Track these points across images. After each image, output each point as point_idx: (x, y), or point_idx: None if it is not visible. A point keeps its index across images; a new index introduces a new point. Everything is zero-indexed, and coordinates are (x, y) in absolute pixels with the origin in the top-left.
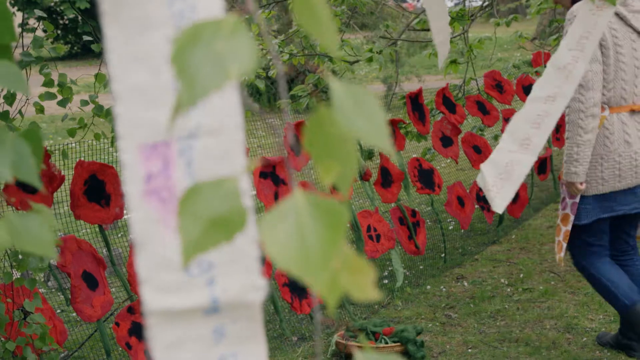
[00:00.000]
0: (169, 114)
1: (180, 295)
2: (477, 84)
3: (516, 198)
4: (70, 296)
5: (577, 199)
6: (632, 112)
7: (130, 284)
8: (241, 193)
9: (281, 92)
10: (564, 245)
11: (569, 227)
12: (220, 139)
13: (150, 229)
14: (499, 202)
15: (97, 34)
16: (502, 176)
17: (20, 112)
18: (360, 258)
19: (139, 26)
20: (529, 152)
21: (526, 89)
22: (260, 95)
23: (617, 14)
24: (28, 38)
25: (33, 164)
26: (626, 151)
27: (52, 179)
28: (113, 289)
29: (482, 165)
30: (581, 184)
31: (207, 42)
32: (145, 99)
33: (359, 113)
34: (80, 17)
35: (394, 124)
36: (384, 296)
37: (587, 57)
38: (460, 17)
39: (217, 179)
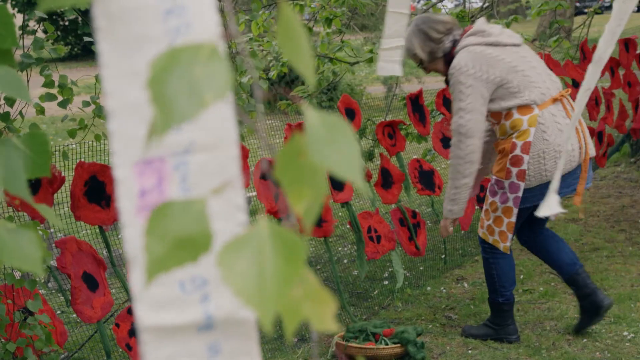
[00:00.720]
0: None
1: (174, 311)
2: None
3: None
4: (70, 297)
5: (520, 193)
6: (555, 101)
7: None
8: (207, 215)
9: (256, 96)
10: (509, 235)
11: (513, 219)
12: (215, 154)
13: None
14: (544, 209)
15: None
16: None
17: (20, 113)
18: (322, 288)
19: (134, 42)
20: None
21: None
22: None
23: (489, 44)
24: (28, 39)
25: (23, 176)
26: (560, 140)
27: (53, 180)
28: (113, 290)
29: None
30: (454, 221)
31: (184, 68)
32: (139, 115)
33: (333, 145)
34: (80, 18)
35: (395, 125)
36: (384, 297)
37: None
38: (460, 19)
39: (185, 200)
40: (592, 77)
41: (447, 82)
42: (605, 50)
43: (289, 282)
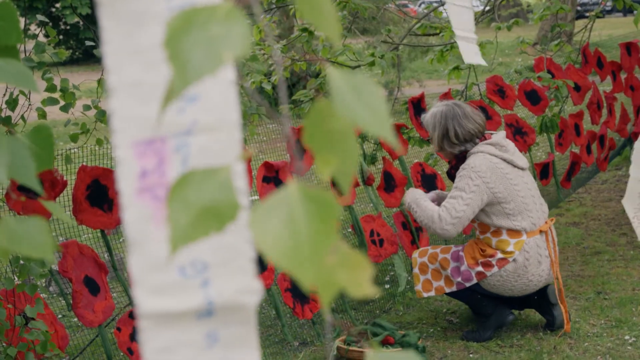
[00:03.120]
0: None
1: (175, 297)
2: (479, 89)
3: None
4: (71, 301)
5: (468, 284)
6: (541, 232)
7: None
8: (234, 183)
9: (281, 96)
10: (432, 292)
11: (446, 290)
12: (217, 136)
13: (144, 227)
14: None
15: (98, 40)
16: None
17: (22, 117)
18: (357, 254)
19: (136, 20)
20: None
21: (528, 95)
22: (262, 99)
23: (504, 160)
24: (30, 44)
25: (32, 166)
26: (537, 271)
27: (55, 184)
28: (115, 294)
29: (623, 201)
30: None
31: (201, 27)
32: (141, 94)
33: (359, 102)
34: (82, 23)
35: (397, 129)
36: (386, 301)
37: None
38: None
39: (210, 168)
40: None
41: (449, 172)
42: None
43: (325, 240)
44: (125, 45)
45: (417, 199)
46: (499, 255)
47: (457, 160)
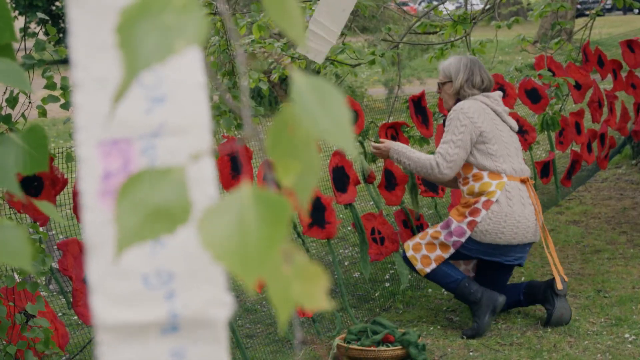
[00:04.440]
0: (130, 109)
1: (136, 308)
2: None
3: None
4: (71, 299)
5: (463, 239)
6: (522, 182)
7: None
8: (187, 184)
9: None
10: (433, 265)
11: (445, 255)
12: (186, 139)
13: (105, 231)
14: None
15: None
16: None
17: (23, 115)
18: (312, 264)
19: (104, 13)
20: None
21: (529, 93)
22: (262, 98)
23: (494, 111)
24: (30, 42)
25: (13, 172)
26: (523, 213)
27: (55, 182)
28: None
29: None
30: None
31: (155, 15)
32: (106, 90)
33: (322, 109)
34: None
35: (398, 127)
36: (386, 300)
37: None
38: (462, 21)
39: (163, 168)
40: None
41: (445, 122)
42: None
43: (273, 243)
44: (92, 39)
45: (403, 152)
46: (483, 198)
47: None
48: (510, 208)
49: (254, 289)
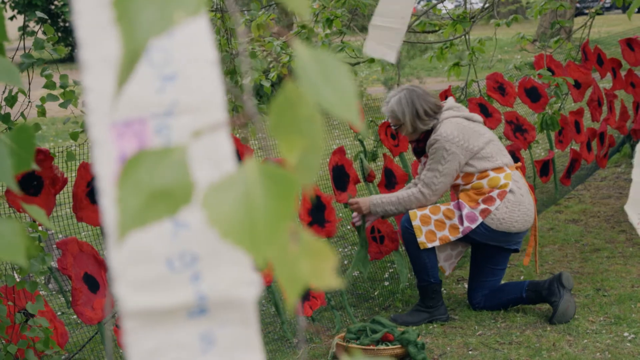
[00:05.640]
0: (141, 88)
1: (161, 292)
2: (479, 87)
3: None
4: (70, 299)
5: (474, 225)
6: (517, 169)
7: None
8: (188, 164)
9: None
10: (436, 242)
11: (452, 238)
12: (200, 118)
13: None
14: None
15: None
16: None
17: (22, 114)
18: (319, 241)
19: None
20: None
21: (528, 92)
22: (261, 97)
23: (465, 118)
24: (29, 41)
25: (8, 165)
26: (529, 199)
27: (55, 181)
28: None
29: (625, 207)
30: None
31: None
32: (115, 69)
33: (326, 82)
34: None
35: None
36: (385, 298)
37: None
38: (462, 20)
39: (164, 148)
40: None
41: (417, 149)
42: None
43: (281, 219)
44: (99, 17)
45: (383, 201)
46: (497, 190)
47: (425, 134)
48: (522, 197)
49: (263, 265)
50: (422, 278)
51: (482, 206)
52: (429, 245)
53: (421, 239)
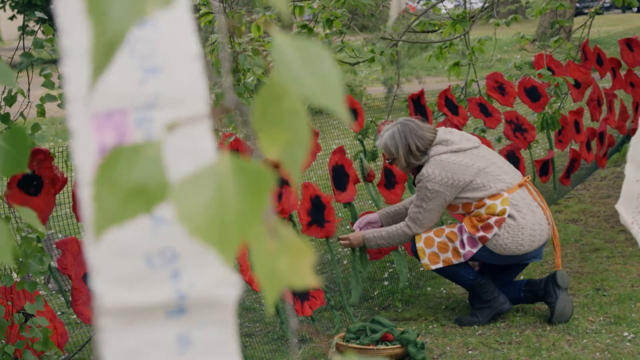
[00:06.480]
0: (123, 79)
1: (139, 289)
2: (479, 86)
3: None
4: (70, 298)
5: (475, 250)
6: (520, 186)
7: None
8: (163, 160)
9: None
10: (440, 264)
11: (454, 262)
12: (182, 112)
13: None
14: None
15: None
16: (639, 209)
17: (22, 114)
18: (298, 238)
19: None
20: None
21: (528, 91)
22: None
23: (453, 152)
24: (29, 40)
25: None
26: (535, 220)
27: (55, 181)
28: None
29: (617, 206)
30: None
31: None
32: (88, 59)
33: (307, 69)
34: None
35: None
36: (385, 298)
37: None
38: (461, 20)
39: (138, 144)
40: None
41: (413, 180)
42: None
43: (254, 215)
44: (79, 6)
45: (375, 236)
46: (495, 217)
47: (417, 169)
48: (524, 220)
49: (232, 262)
50: (463, 283)
51: (481, 233)
52: (433, 267)
53: (424, 260)
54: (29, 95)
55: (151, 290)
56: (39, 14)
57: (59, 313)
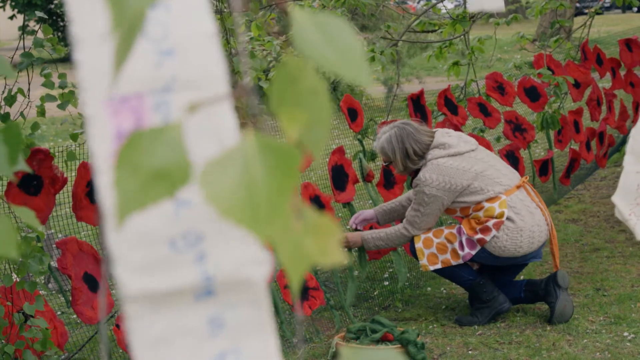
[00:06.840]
0: (138, 63)
1: (164, 274)
2: (478, 86)
3: None
4: (70, 298)
5: (474, 252)
6: (518, 188)
7: None
8: (184, 142)
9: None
10: (438, 265)
11: (453, 263)
12: (200, 94)
13: None
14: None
15: None
16: (638, 200)
17: (22, 114)
18: (323, 216)
19: None
20: None
21: (527, 91)
22: (261, 97)
23: (450, 155)
24: (29, 40)
25: (4, 158)
26: (534, 221)
27: (55, 181)
28: (114, 291)
29: (613, 198)
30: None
31: None
32: (110, 45)
33: (328, 42)
34: None
35: None
36: (385, 298)
37: None
38: (461, 19)
39: (158, 127)
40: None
41: (411, 182)
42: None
43: (283, 194)
44: None
45: (374, 237)
46: (493, 220)
47: (415, 172)
48: (522, 222)
49: (265, 243)
50: (462, 283)
51: (479, 235)
52: (431, 268)
53: (423, 261)
54: (29, 95)
55: (176, 274)
56: (39, 14)
57: (59, 313)
